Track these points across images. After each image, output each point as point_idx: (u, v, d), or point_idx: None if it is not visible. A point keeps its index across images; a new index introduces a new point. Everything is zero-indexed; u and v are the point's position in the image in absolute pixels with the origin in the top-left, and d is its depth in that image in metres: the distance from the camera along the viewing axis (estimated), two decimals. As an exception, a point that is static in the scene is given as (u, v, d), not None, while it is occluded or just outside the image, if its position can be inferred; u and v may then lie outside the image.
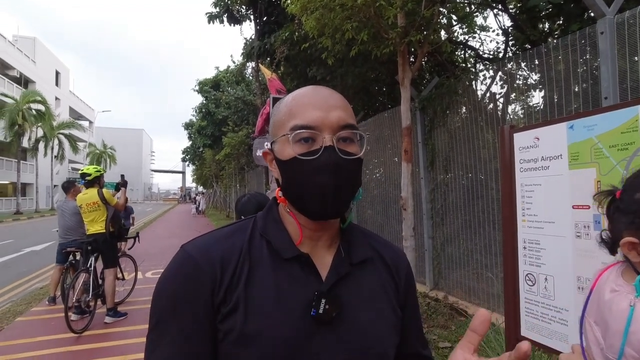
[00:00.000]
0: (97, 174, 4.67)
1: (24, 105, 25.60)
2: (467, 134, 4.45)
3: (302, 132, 0.63)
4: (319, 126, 0.63)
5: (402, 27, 3.77)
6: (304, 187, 0.64)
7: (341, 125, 0.64)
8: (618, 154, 1.24)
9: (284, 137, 0.66)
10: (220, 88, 21.71)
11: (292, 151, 0.64)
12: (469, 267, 4.50)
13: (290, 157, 0.64)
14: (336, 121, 0.64)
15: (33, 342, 3.93)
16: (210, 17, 10.27)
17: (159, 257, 8.93)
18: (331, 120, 0.64)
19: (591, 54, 3.36)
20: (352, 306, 0.66)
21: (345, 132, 0.65)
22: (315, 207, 0.64)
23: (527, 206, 1.60)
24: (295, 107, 0.66)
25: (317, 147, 0.63)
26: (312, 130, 0.63)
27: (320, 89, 0.69)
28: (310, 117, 0.64)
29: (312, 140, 0.64)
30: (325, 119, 0.64)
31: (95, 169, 4.75)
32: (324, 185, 0.62)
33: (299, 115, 0.65)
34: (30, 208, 31.51)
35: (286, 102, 0.69)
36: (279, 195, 0.70)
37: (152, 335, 0.64)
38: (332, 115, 0.64)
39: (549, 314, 1.50)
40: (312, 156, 0.62)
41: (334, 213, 0.65)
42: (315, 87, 0.70)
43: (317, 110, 0.64)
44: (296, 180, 0.65)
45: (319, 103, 0.65)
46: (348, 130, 0.65)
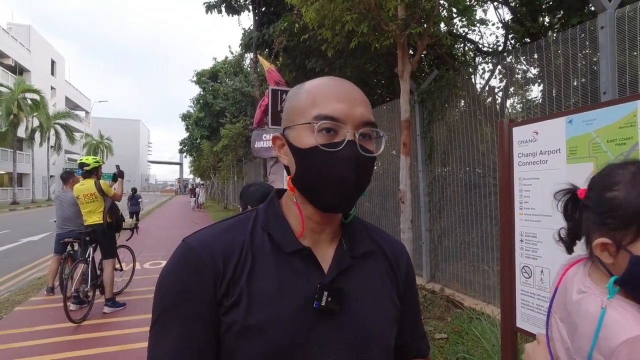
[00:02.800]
0: (95, 165, 4.64)
1: (19, 94, 25.35)
2: (465, 128, 4.46)
3: (326, 123, 0.63)
4: (342, 119, 0.63)
5: (403, 20, 3.75)
6: (321, 177, 0.64)
7: (364, 121, 0.65)
8: (616, 149, 1.25)
9: (304, 125, 0.64)
10: (218, 79, 21.56)
11: (313, 140, 0.63)
12: (465, 260, 4.55)
13: (310, 146, 0.64)
14: (359, 117, 0.64)
15: (32, 331, 3.95)
16: (208, 6, 10.15)
17: (157, 248, 8.95)
18: (355, 115, 0.64)
19: (590, 49, 3.36)
20: (354, 298, 0.67)
21: (367, 129, 0.65)
22: (328, 199, 0.64)
23: (525, 200, 1.61)
24: (319, 96, 0.65)
25: (339, 140, 0.63)
26: (337, 122, 0.63)
27: (343, 82, 0.68)
28: (335, 108, 0.63)
29: (334, 132, 0.63)
30: (350, 112, 0.64)
31: (94, 159, 4.72)
32: (343, 178, 0.62)
33: (324, 105, 0.64)
34: (27, 198, 31.40)
35: (308, 90, 0.68)
36: (290, 183, 0.70)
37: (155, 328, 0.64)
38: (357, 111, 0.64)
39: (545, 306, 1.52)
40: (334, 148, 0.62)
41: (344, 207, 0.66)
42: (338, 79, 0.69)
43: (342, 103, 0.64)
44: (314, 170, 0.64)
45: (343, 96, 0.65)
46: (369, 127, 0.65)
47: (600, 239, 0.76)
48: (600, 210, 0.77)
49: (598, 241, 0.76)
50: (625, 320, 0.71)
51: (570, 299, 0.83)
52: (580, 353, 0.78)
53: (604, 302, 0.74)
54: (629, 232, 0.71)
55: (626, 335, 0.69)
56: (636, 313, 0.72)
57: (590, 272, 0.83)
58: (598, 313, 0.75)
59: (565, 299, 0.85)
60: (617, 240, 0.73)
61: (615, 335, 0.70)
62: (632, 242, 0.71)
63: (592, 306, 0.77)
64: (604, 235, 0.75)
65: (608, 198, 0.76)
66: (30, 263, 7.88)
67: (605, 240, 0.75)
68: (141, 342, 3.67)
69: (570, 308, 0.83)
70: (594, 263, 0.81)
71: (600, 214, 0.77)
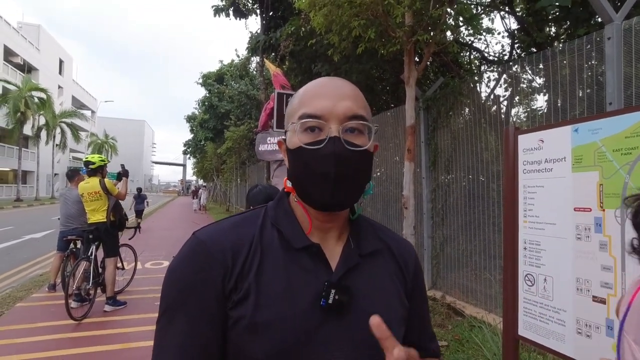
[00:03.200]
0: (101, 163, 4.69)
1: (27, 92, 25.58)
2: (469, 135, 4.46)
3: (308, 121, 0.63)
4: (325, 115, 0.63)
5: (410, 26, 3.77)
6: (306, 176, 0.64)
7: (348, 115, 0.64)
8: (621, 158, 1.26)
9: (292, 126, 0.66)
10: (224, 82, 21.70)
11: (298, 140, 0.64)
12: (467, 268, 4.53)
13: (296, 146, 0.65)
14: (343, 111, 0.63)
15: (33, 327, 3.96)
16: (216, 10, 10.26)
17: (159, 248, 8.97)
18: (338, 110, 0.63)
19: (596, 60, 3.37)
20: (361, 297, 0.67)
21: (353, 122, 0.64)
22: (317, 197, 0.64)
23: (529, 207, 1.62)
24: (306, 96, 0.67)
25: (322, 137, 0.63)
26: (319, 120, 0.63)
27: (333, 79, 0.69)
28: (317, 106, 0.64)
29: (318, 129, 0.64)
30: (333, 108, 0.63)
31: (99, 158, 4.77)
32: (325, 175, 0.62)
33: (308, 104, 0.65)
34: (31, 196, 31.56)
35: (299, 93, 0.70)
36: (287, 184, 0.71)
37: (162, 320, 0.64)
38: (341, 105, 0.64)
39: (547, 314, 1.52)
40: (316, 146, 0.62)
41: (337, 204, 0.65)
42: (330, 77, 0.70)
43: (326, 100, 0.64)
44: (300, 170, 0.65)
45: (328, 92, 0.65)
46: (356, 121, 0.64)
47: None
48: None
49: None
50: None
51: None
52: None
53: None
54: None
55: None
56: None
57: None
58: None
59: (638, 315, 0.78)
60: None
61: None
62: None
63: None
64: None
65: None
66: (33, 260, 7.91)
67: None
68: (141, 340, 3.67)
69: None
70: None
71: None
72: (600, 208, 1.31)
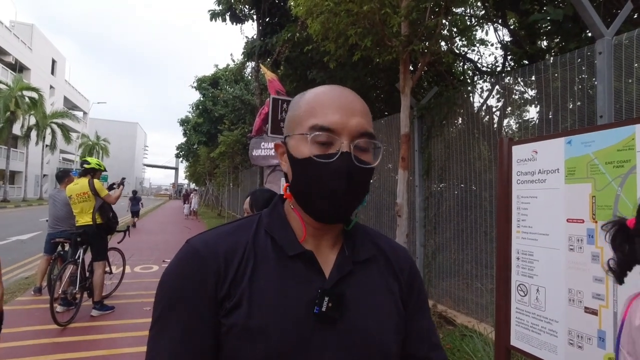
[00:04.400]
0: (96, 167, 4.70)
1: (18, 91, 25.26)
2: (462, 145, 4.51)
3: (320, 135, 0.63)
4: (338, 130, 0.63)
5: (406, 36, 3.82)
6: (314, 188, 0.64)
7: (360, 132, 0.64)
8: (614, 171, 1.28)
9: (301, 136, 0.65)
10: (219, 86, 21.67)
11: (308, 151, 0.64)
12: (458, 277, 4.54)
13: (305, 157, 0.64)
14: (356, 128, 0.64)
15: (17, 332, 3.86)
16: (213, 14, 10.27)
17: (149, 253, 8.85)
18: (351, 126, 0.63)
19: (587, 73, 3.44)
20: (355, 304, 0.66)
21: (363, 140, 0.65)
22: (321, 210, 0.65)
23: (522, 218, 1.63)
24: (317, 105, 0.66)
25: (333, 151, 0.63)
26: (331, 134, 0.63)
27: (344, 91, 0.68)
28: (331, 119, 0.63)
29: (329, 143, 0.63)
30: (345, 123, 0.63)
31: (97, 161, 4.80)
32: (335, 190, 0.62)
33: (320, 115, 0.64)
34: (18, 196, 31.01)
35: (307, 99, 0.68)
36: (287, 190, 0.71)
37: (156, 327, 0.64)
38: (353, 121, 0.64)
39: (539, 325, 1.52)
40: (328, 159, 0.62)
41: (338, 218, 0.66)
42: (340, 88, 0.69)
43: (338, 114, 0.64)
44: (307, 181, 0.65)
45: (341, 106, 0.65)
46: (366, 138, 0.65)
47: None
48: None
49: None
50: None
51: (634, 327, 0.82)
52: None
53: None
54: None
55: None
56: None
57: None
58: None
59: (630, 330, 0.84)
60: None
61: None
62: None
63: None
64: None
65: None
66: (18, 262, 7.75)
67: None
68: (129, 347, 3.60)
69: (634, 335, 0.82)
70: None
71: None
72: (593, 220, 1.33)
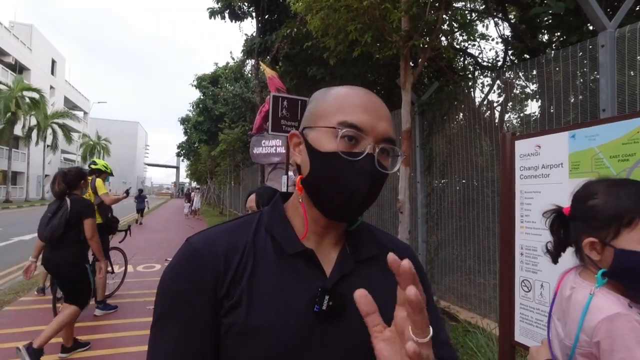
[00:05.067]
0: (102, 168, 4.77)
1: (18, 92, 25.28)
2: (464, 140, 4.49)
3: (350, 130, 0.63)
4: (366, 130, 0.63)
5: (406, 31, 3.79)
6: (333, 183, 0.63)
7: (386, 137, 0.65)
8: (619, 165, 1.26)
9: (327, 129, 0.65)
10: (219, 84, 21.64)
11: (334, 145, 0.63)
12: (461, 273, 4.54)
13: (330, 151, 0.63)
14: (382, 132, 0.64)
15: (21, 331, 3.88)
16: (212, 12, 10.24)
17: (152, 252, 8.87)
18: (379, 129, 0.64)
19: (589, 67, 3.41)
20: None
21: (387, 145, 0.65)
22: (336, 207, 0.64)
23: (526, 213, 1.62)
24: (346, 102, 0.66)
25: (359, 150, 0.63)
26: (360, 133, 0.63)
27: (372, 95, 0.69)
28: (361, 118, 0.63)
29: (355, 141, 0.63)
30: (374, 125, 0.64)
31: (104, 164, 4.87)
32: (356, 189, 0.62)
33: (350, 113, 0.64)
34: (20, 197, 31.10)
35: (335, 94, 0.68)
36: (299, 183, 0.69)
37: (156, 327, 0.64)
38: (380, 125, 0.65)
39: (544, 320, 1.51)
40: (354, 157, 0.62)
41: (349, 217, 0.66)
42: (367, 91, 0.70)
43: (368, 115, 0.64)
44: (328, 175, 0.64)
45: (371, 108, 0.65)
46: (389, 144, 0.66)
47: (588, 239, 0.92)
48: (585, 216, 0.94)
49: (587, 240, 0.92)
50: (606, 304, 0.86)
51: (564, 297, 0.98)
52: (569, 337, 0.92)
53: (592, 290, 0.90)
54: (611, 230, 0.88)
55: (605, 314, 0.84)
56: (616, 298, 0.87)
57: (581, 273, 0.99)
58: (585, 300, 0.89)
59: (560, 299, 1.00)
60: (601, 238, 0.90)
61: (596, 315, 0.85)
62: (614, 238, 0.88)
63: (580, 296, 0.92)
64: (590, 236, 0.92)
65: (590, 205, 0.93)
66: (21, 262, 7.77)
67: (592, 239, 0.91)
68: (132, 345, 3.61)
69: (564, 304, 0.97)
70: (585, 266, 0.97)
71: (586, 219, 0.93)
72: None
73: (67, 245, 3.30)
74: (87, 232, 3.41)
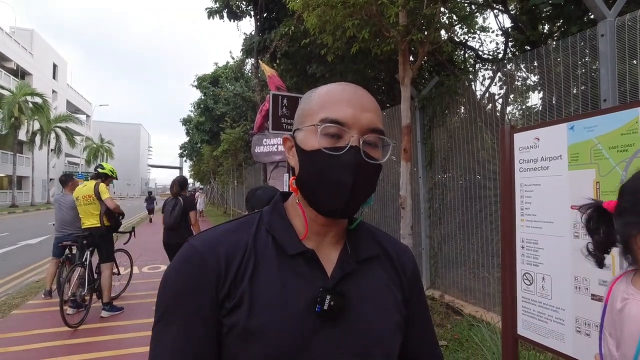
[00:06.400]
0: (108, 173, 4.80)
1: (21, 97, 25.42)
2: (465, 134, 4.46)
3: (331, 126, 0.63)
4: (348, 123, 0.63)
5: (404, 26, 3.77)
6: (321, 180, 0.63)
7: (371, 128, 0.64)
8: (618, 155, 1.25)
9: (311, 127, 0.65)
10: (219, 84, 21.65)
11: (317, 143, 0.63)
12: (465, 267, 4.53)
13: (314, 149, 0.64)
14: (366, 123, 0.64)
15: (29, 335, 3.92)
16: (210, 12, 10.23)
17: (157, 253, 8.89)
18: (362, 121, 0.64)
19: (590, 57, 3.38)
20: (357, 303, 0.66)
21: (373, 136, 0.65)
22: (327, 203, 0.64)
23: (526, 206, 1.61)
24: (329, 100, 0.66)
25: (342, 144, 0.63)
26: (342, 127, 0.63)
27: (357, 88, 0.68)
28: (342, 113, 0.63)
29: (338, 136, 0.63)
30: (356, 118, 0.63)
31: (110, 168, 4.91)
32: (342, 183, 0.62)
33: (332, 108, 0.64)
34: (26, 201, 31.35)
35: (319, 93, 0.68)
36: (293, 184, 0.70)
37: (157, 328, 0.64)
38: (364, 117, 0.64)
39: (546, 313, 1.51)
40: (337, 152, 0.62)
41: (344, 213, 0.65)
42: (353, 85, 0.69)
43: (350, 108, 0.64)
44: (315, 173, 0.64)
45: (353, 101, 0.65)
46: (376, 134, 0.65)
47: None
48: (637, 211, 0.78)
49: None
50: None
51: (614, 309, 0.84)
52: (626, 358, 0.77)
53: None
54: None
55: None
56: None
57: (633, 280, 0.83)
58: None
59: (612, 312, 0.85)
60: None
61: None
62: None
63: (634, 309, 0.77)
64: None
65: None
66: (28, 266, 7.84)
67: None
68: (138, 346, 3.64)
69: (615, 318, 0.83)
70: (637, 271, 0.82)
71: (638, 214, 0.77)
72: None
73: (181, 228, 4.63)
74: (191, 220, 4.74)
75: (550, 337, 1.49)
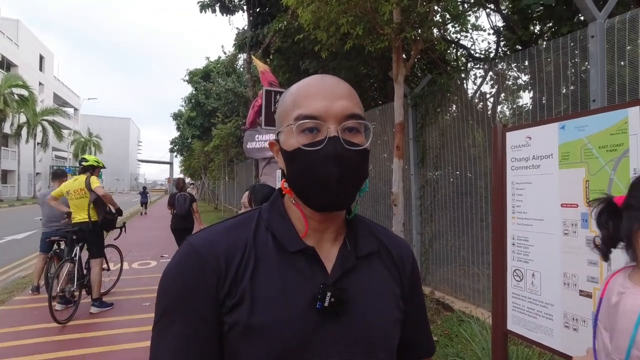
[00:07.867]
0: (94, 163, 4.71)
1: (6, 89, 24.85)
2: (457, 132, 4.51)
3: (306, 123, 0.62)
4: (322, 116, 0.62)
5: (398, 23, 3.78)
6: (307, 178, 0.63)
7: (346, 114, 0.63)
8: (607, 155, 1.28)
9: (288, 128, 0.65)
10: (211, 79, 21.45)
11: (295, 142, 0.63)
12: (455, 264, 4.58)
13: (294, 148, 0.64)
14: (341, 111, 0.63)
15: (16, 331, 3.86)
16: (202, 6, 10.10)
17: (147, 248, 8.84)
18: (336, 110, 0.63)
19: (580, 57, 3.43)
20: (358, 299, 0.66)
21: (351, 122, 0.63)
22: (318, 199, 0.64)
23: (517, 204, 1.64)
24: (300, 96, 0.65)
25: (321, 138, 0.62)
26: (316, 120, 0.62)
27: (326, 78, 0.68)
28: (314, 106, 0.63)
29: (316, 130, 0.63)
30: (329, 108, 0.62)
31: (95, 158, 4.82)
32: (328, 176, 0.61)
33: (303, 104, 0.64)
34: (12, 196, 30.72)
35: (291, 92, 0.68)
36: (284, 186, 0.70)
37: (157, 328, 0.64)
38: (337, 105, 0.63)
39: (535, 309, 1.54)
40: (316, 147, 0.61)
41: (338, 205, 0.65)
42: (322, 76, 0.68)
43: (322, 100, 0.63)
44: (300, 172, 0.64)
45: (323, 92, 0.64)
46: (353, 120, 0.64)
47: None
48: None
49: None
50: None
51: (610, 303, 0.85)
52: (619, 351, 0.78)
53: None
54: None
55: None
56: None
57: (630, 275, 0.84)
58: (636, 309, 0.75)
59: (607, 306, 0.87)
60: None
61: None
62: None
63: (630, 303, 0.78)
64: None
65: None
66: (14, 262, 7.71)
67: None
68: (128, 343, 3.62)
69: (610, 311, 0.84)
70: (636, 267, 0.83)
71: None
72: (587, 204, 1.33)
73: (189, 215, 6.25)
74: (195, 209, 6.31)
75: (539, 332, 1.52)
